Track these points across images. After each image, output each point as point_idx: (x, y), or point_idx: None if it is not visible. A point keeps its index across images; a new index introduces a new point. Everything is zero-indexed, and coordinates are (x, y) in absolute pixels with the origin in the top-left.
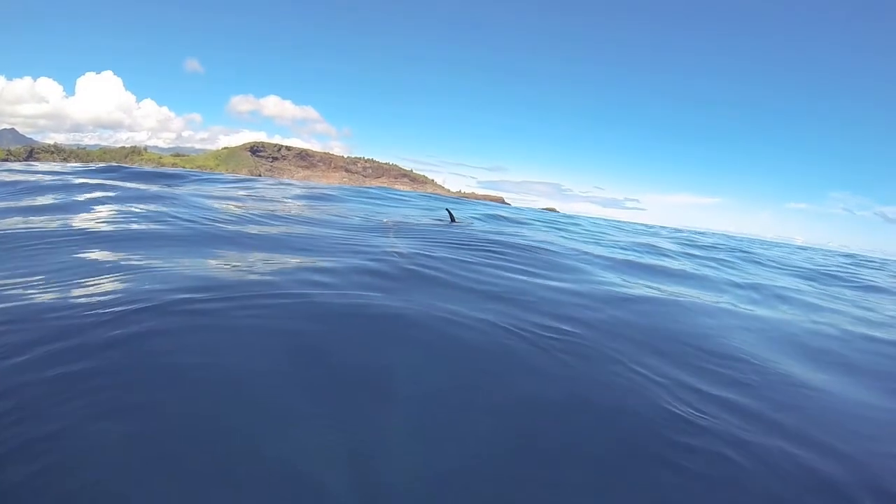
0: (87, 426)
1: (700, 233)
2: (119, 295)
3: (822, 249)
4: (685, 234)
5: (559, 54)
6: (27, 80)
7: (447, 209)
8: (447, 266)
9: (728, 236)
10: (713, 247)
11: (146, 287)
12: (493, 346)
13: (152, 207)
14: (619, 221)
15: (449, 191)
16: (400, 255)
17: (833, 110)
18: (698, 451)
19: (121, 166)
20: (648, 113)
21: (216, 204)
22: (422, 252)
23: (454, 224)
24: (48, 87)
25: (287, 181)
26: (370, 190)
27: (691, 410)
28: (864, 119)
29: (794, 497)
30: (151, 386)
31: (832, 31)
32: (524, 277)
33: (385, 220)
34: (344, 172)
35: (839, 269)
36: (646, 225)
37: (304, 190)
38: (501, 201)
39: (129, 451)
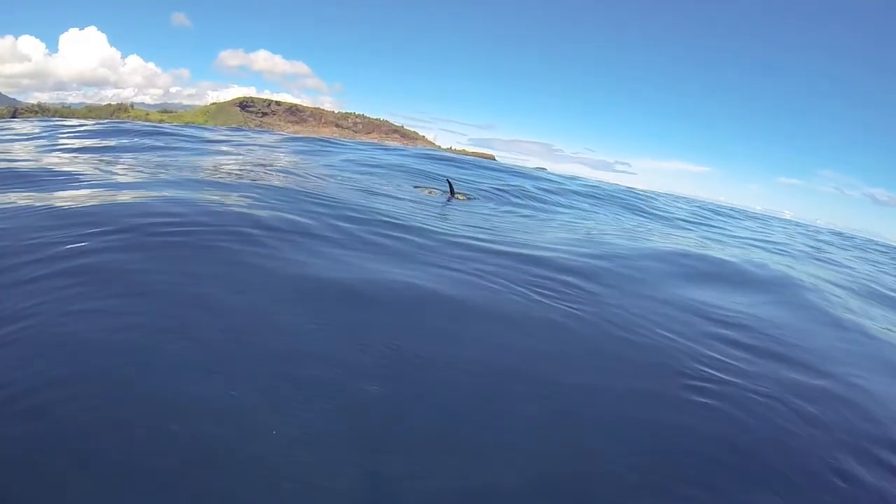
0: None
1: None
2: None
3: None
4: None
5: (555, 12)
6: (8, 38)
7: (448, 180)
8: None
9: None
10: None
11: None
12: None
13: None
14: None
15: (440, 147)
16: None
17: (828, 88)
18: None
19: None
20: (642, 76)
21: None
22: None
23: (453, 200)
24: (30, 45)
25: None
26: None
27: None
28: (858, 99)
29: None
30: None
31: (833, 13)
32: None
33: (386, 185)
34: (334, 128)
35: None
36: (687, 198)
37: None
38: (492, 159)
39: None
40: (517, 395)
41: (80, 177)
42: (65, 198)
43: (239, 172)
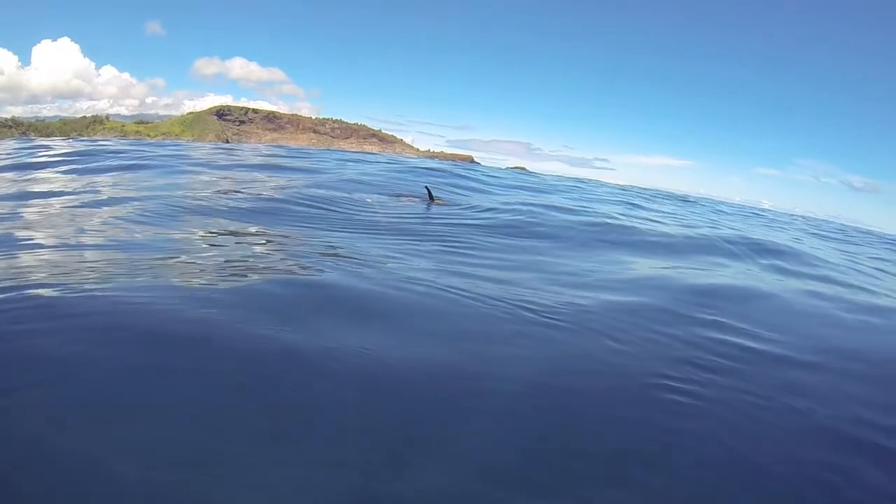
0: None
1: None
2: None
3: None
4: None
5: (527, 11)
6: None
7: (426, 186)
8: None
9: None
10: None
11: None
12: None
13: None
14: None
15: (418, 150)
16: None
17: (802, 77)
18: None
19: None
20: (618, 72)
21: None
22: None
23: (435, 204)
24: (2, 58)
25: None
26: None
27: None
28: (835, 86)
29: None
30: None
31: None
32: None
33: (368, 199)
34: (312, 134)
35: None
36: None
37: None
38: (470, 160)
39: None
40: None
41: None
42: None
43: (208, 209)
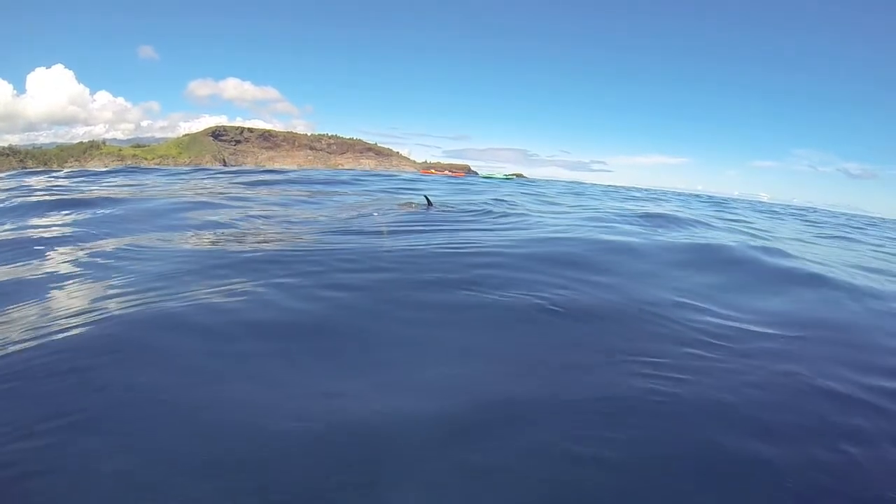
0: None
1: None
2: None
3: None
4: None
5: (518, 20)
6: None
7: (425, 195)
8: None
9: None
10: None
11: None
12: None
13: None
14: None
15: (415, 162)
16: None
17: (795, 66)
18: None
19: None
20: (613, 71)
21: None
22: None
23: (431, 209)
24: None
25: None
26: None
27: None
28: (826, 74)
29: None
30: None
31: None
32: None
33: (374, 213)
34: (308, 150)
35: None
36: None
37: None
38: (468, 169)
39: None
40: None
41: None
42: None
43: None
